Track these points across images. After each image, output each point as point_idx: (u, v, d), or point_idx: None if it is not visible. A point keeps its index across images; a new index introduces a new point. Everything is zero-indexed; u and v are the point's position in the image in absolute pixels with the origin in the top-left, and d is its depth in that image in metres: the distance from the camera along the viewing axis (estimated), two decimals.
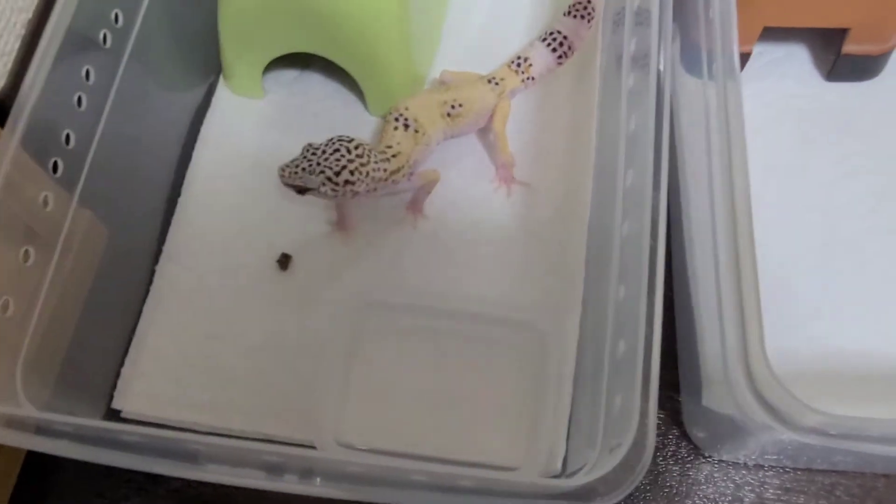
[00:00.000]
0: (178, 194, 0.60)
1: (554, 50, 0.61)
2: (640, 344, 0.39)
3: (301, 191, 0.51)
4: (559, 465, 0.50)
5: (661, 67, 0.48)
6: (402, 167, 0.54)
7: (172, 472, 0.39)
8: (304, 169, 0.50)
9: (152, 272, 0.57)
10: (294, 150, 0.52)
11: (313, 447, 0.50)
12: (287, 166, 0.50)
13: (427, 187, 0.58)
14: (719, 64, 0.47)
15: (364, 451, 0.51)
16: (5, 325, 0.42)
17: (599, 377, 0.44)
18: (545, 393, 0.51)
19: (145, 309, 0.56)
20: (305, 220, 0.59)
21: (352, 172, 0.50)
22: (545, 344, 0.53)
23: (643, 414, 0.37)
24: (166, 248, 0.58)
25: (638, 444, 0.36)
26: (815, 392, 0.39)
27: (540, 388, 0.52)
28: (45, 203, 0.44)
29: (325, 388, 0.52)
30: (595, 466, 0.39)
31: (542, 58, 0.61)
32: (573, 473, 0.43)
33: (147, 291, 0.57)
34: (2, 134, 0.42)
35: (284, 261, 0.57)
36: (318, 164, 0.50)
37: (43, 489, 0.52)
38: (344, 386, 0.53)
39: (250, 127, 0.63)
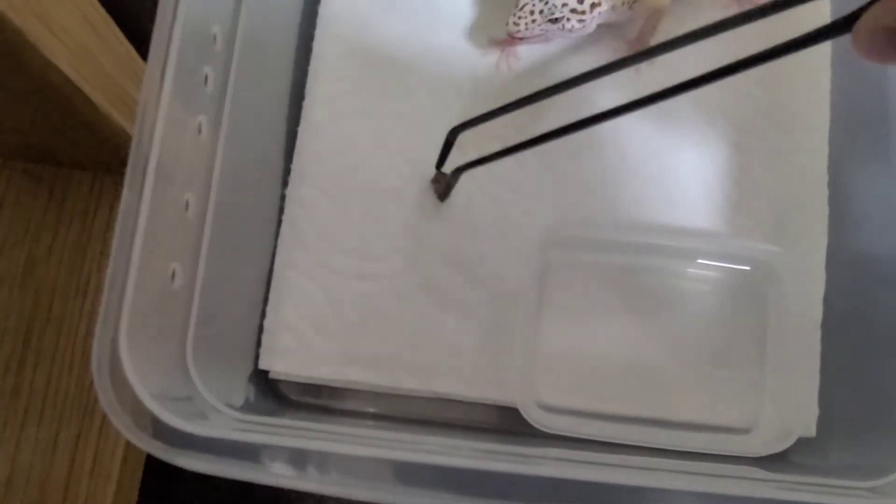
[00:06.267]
0: (302, 96, 0.48)
1: None
2: None
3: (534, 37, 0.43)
4: (813, 428, 0.42)
5: None
6: None
7: None
8: (540, 12, 0.42)
9: (282, 197, 0.46)
10: (434, 31, 0.46)
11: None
12: (518, 17, 0.43)
13: (652, 20, 0.46)
14: None
15: (572, 414, 0.43)
16: (174, 299, 0.31)
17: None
18: (783, 341, 0.43)
19: (280, 243, 0.46)
20: (458, 121, 0.48)
21: None
22: (779, 283, 0.44)
23: None
24: (295, 166, 0.47)
25: None
26: None
27: (776, 335, 0.43)
28: (199, 129, 0.33)
29: (509, 338, 0.44)
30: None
31: None
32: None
33: (279, 222, 0.46)
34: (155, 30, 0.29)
35: (443, 182, 0.47)
36: None
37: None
38: (531, 335, 0.44)
39: (375, 5, 0.50)
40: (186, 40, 0.31)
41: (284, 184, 0.46)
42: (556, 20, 0.43)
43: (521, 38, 0.44)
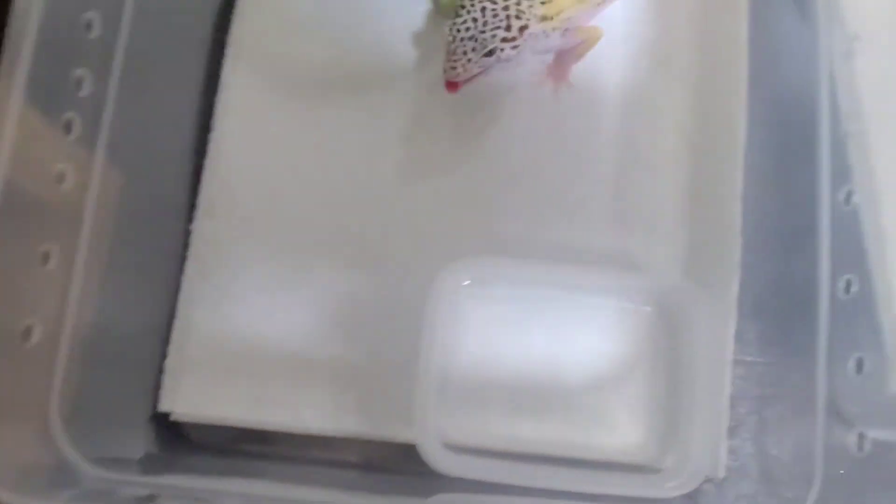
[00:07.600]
0: (210, 128, 0.46)
1: None
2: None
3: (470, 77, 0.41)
4: (722, 469, 0.41)
5: None
6: (554, 17, 0.43)
7: None
8: (473, 49, 0.40)
9: (187, 233, 0.45)
10: (349, 53, 0.46)
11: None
12: (454, 61, 0.41)
13: (582, 48, 0.46)
14: None
15: (478, 454, 0.42)
16: (32, 358, 0.30)
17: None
18: (693, 379, 0.42)
19: (184, 280, 0.45)
20: (374, 151, 0.46)
21: (518, 16, 0.41)
22: (689, 318, 0.42)
23: None
24: (202, 199, 0.46)
25: None
26: None
27: (686, 373, 0.42)
28: (61, 178, 0.31)
29: (415, 375, 0.42)
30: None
31: None
32: None
33: (184, 258, 0.45)
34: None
35: None
36: (481, 31, 0.40)
37: None
38: (437, 372, 0.43)
39: (290, 31, 0.48)
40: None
41: (189, 219, 0.45)
42: (490, 53, 0.41)
43: (463, 81, 0.42)
